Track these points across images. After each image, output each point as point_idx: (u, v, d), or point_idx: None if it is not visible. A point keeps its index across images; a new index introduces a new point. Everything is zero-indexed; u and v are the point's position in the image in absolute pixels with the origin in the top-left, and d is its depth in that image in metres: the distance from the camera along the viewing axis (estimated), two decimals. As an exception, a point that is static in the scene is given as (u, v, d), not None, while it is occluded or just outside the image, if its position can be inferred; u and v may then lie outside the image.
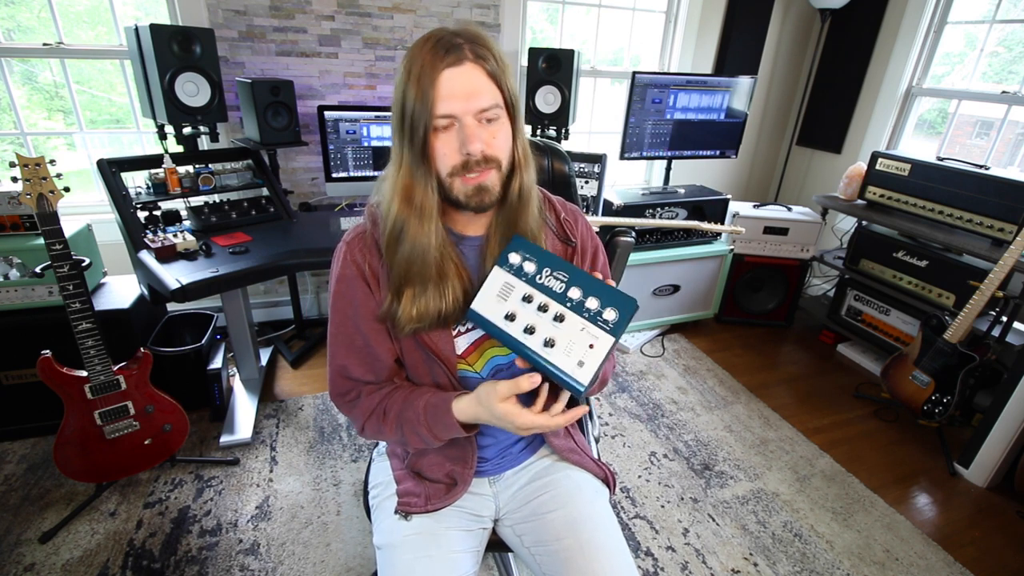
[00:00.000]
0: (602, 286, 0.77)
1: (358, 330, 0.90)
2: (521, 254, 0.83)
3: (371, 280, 0.88)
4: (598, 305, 0.77)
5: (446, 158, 0.79)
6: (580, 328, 0.77)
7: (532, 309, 0.80)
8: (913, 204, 2.41)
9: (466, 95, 0.76)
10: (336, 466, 1.90)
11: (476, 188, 0.80)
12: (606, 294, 0.77)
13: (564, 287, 0.79)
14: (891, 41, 2.88)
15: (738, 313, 3.04)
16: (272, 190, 2.17)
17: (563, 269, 0.80)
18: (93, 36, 2.32)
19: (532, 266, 0.82)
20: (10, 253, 1.73)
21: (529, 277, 0.81)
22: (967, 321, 1.99)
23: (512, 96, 0.81)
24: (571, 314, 0.78)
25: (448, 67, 0.75)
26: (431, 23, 2.54)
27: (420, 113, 0.76)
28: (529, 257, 0.82)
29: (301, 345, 2.60)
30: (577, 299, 0.78)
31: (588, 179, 2.50)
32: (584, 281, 0.78)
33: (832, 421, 2.30)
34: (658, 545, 1.67)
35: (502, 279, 0.83)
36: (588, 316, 0.77)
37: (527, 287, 0.81)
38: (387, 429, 0.90)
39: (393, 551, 0.91)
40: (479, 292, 0.83)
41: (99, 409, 1.52)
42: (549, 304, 0.79)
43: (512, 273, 0.82)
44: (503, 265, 0.83)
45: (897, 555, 1.69)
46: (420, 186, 0.81)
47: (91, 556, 1.52)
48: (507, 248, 0.83)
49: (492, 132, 0.79)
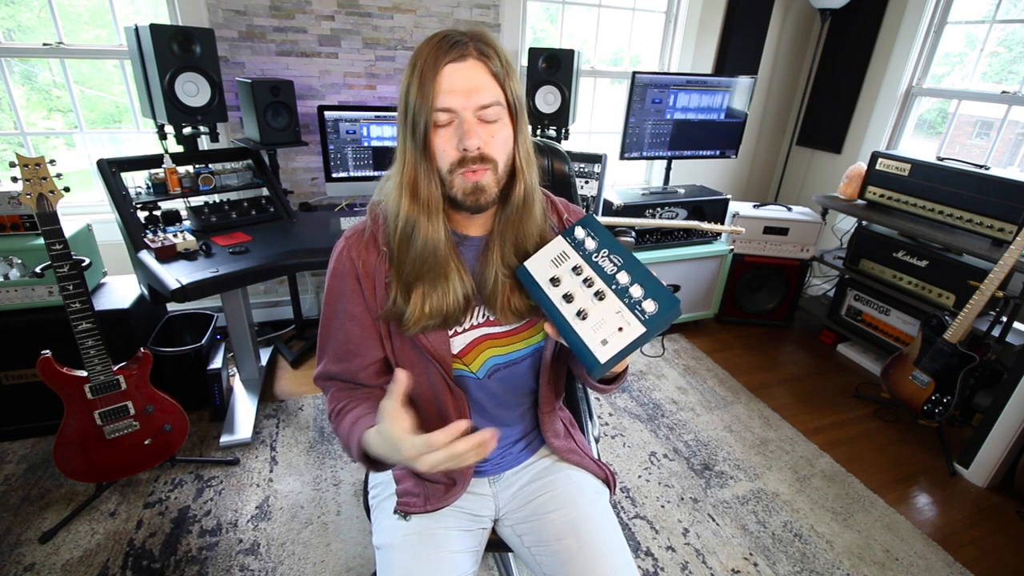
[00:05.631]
0: (652, 280, 0.78)
1: (341, 326, 0.91)
2: (587, 231, 0.85)
3: (363, 278, 0.87)
4: (641, 294, 0.77)
5: (445, 154, 0.79)
6: (616, 311, 0.77)
7: (578, 281, 0.81)
8: (913, 204, 2.41)
9: (466, 91, 0.76)
10: (336, 466, 1.90)
11: (473, 186, 0.80)
12: (652, 287, 0.77)
13: (615, 270, 0.80)
14: (891, 41, 2.88)
15: (738, 313, 3.04)
16: (272, 190, 2.17)
17: (621, 254, 0.81)
18: (93, 36, 2.32)
19: (593, 243, 0.84)
20: (10, 253, 1.73)
21: (587, 253, 0.83)
22: (967, 321, 1.99)
23: (515, 99, 0.81)
24: (612, 295, 0.79)
25: (451, 62, 0.75)
26: (431, 23, 2.54)
27: (421, 106, 0.76)
28: (593, 235, 0.84)
29: (301, 345, 2.60)
30: (623, 284, 0.79)
31: (588, 179, 2.49)
32: (636, 270, 0.79)
33: (832, 421, 2.30)
34: (658, 545, 1.67)
35: (561, 247, 0.85)
36: (628, 302, 0.77)
37: (581, 260, 0.83)
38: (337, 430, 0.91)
39: (392, 551, 0.90)
40: (536, 253, 0.86)
41: (99, 409, 1.52)
42: (595, 280, 0.80)
43: (572, 245, 0.84)
44: (567, 236, 0.85)
45: (897, 555, 1.69)
46: (424, 180, 0.80)
47: (91, 556, 1.52)
48: (577, 222, 0.86)
49: (491, 131, 0.79)
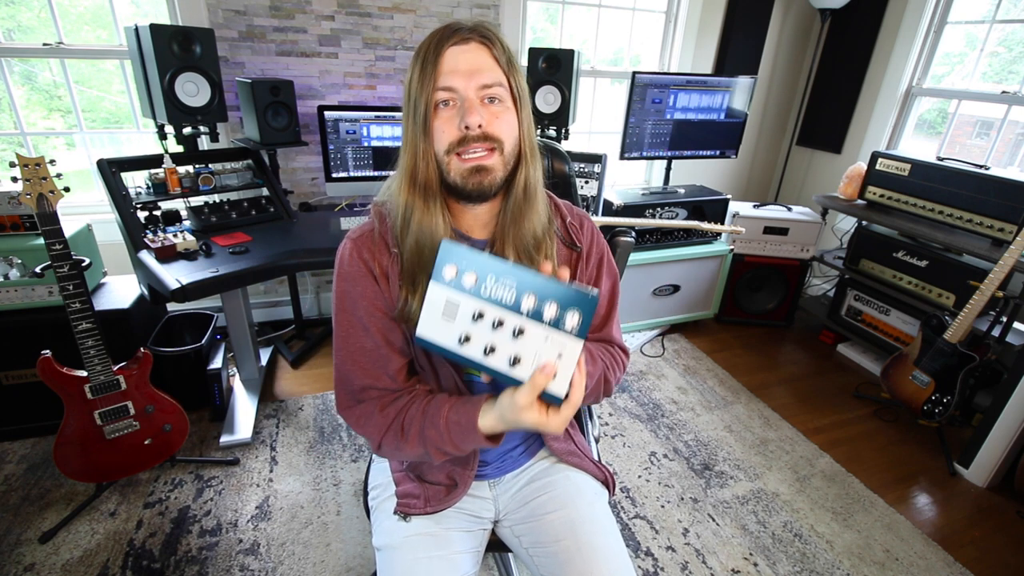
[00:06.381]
0: (556, 286, 0.68)
1: (367, 331, 0.85)
2: (455, 264, 0.70)
3: (380, 278, 0.84)
4: (557, 310, 0.68)
5: (444, 135, 0.77)
6: (544, 338, 0.69)
7: (487, 326, 0.70)
8: (913, 204, 2.41)
9: (468, 71, 0.75)
10: (336, 466, 1.90)
11: (474, 168, 0.78)
12: (562, 295, 0.68)
13: (515, 294, 0.69)
14: (891, 41, 2.88)
15: (738, 313, 3.04)
16: (272, 190, 2.17)
17: (508, 274, 0.69)
18: (93, 36, 2.32)
19: (472, 277, 0.70)
20: (10, 253, 1.73)
21: (473, 290, 0.70)
22: (967, 321, 1.99)
23: (518, 88, 0.80)
24: (531, 324, 0.69)
25: (453, 45, 0.76)
26: (431, 23, 2.54)
27: (422, 89, 0.76)
28: (466, 266, 0.70)
29: (301, 345, 2.60)
30: (533, 307, 0.69)
31: (588, 179, 2.49)
32: (535, 284, 0.69)
33: (832, 421, 2.30)
34: (658, 545, 1.67)
35: (443, 296, 0.71)
36: (549, 324, 0.69)
37: (474, 302, 0.70)
38: (407, 447, 0.83)
39: (392, 552, 0.90)
40: (420, 314, 0.72)
41: (99, 409, 1.52)
42: (505, 318, 0.70)
43: (452, 288, 0.70)
44: (438, 281, 0.71)
45: (897, 555, 1.69)
46: (423, 164, 0.80)
47: (91, 556, 1.52)
48: (438, 259, 0.70)
49: (494, 112, 0.78)
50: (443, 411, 0.81)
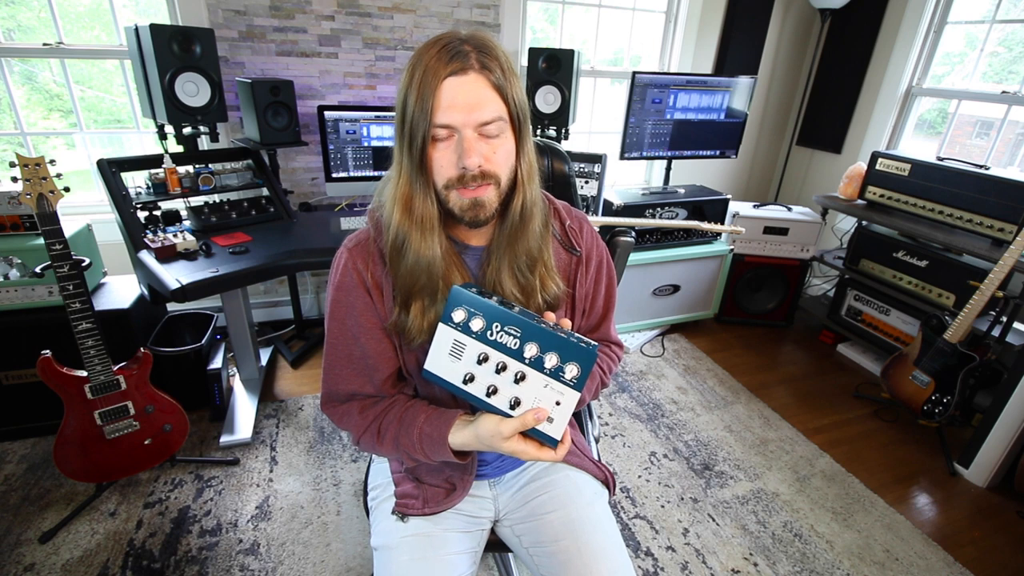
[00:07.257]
0: (558, 339, 0.72)
1: (356, 340, 0.87)
2: (465, 309, 0.75)
3: (373, 290, 0.85)
4: (558, 361, 0.72)
5: (443, 170, 0.77)
6: (544, 385, 0.73)
7: (490, 370, 0.75)
8: (913, 204, 2.41)
9: (468, 107, 0.73)
10: (336, 466, 1.90)
11: (472, 202, 0.78)
12: (564, 348, 0.72)
13: (519, 343, 0.73)
14: (891, 41, 2.88)
15: (738, 313, 3.04)
16: (272, 190, 2.17)
17: (513, 323, 0.73)
18: (93, 36, 2.32)
19: (480, 322, 0.75)
20: (10, 253, 1.73)
21: (479, 334, 0.75)
22: (967, 321, 1.99)
23: (518, 109, 0.78)
24: (532, 372, 0.73)
25: (451, 75, 0.72)
26: (431, 23, 2.54)
27: (419, 121, 0.73)
28: (474, 312, 0.75)
29: (301, 345, 2.60)
30: (535, 356, 0.73)
31: (588, 179, 2.50)
32: (539, 335, 0.73)
33: (832, 421, 2.30)
34: (658, 545, 1.67)
35: (451, 337, 0.76)
36: (550, 373, 0.73)
37: (480, 345, 0.75)
38: (383, 449, 0.88)
39: (390, 553, 0.90)
40: (429, 351, 0.78)
41: (99, 409, 1.52)
42: (507, 364, 0.74)
43: (461, 331, 0.76)
44: (448, 322, 0.76)
45: (897, 555, 1.69)
46: (419, 196, 0.78)
47: (91, 556, 1.52)
48: (448, 302, 0.76)
49: (492, 147, 0.76)
50: (418, 421, 0.84)
